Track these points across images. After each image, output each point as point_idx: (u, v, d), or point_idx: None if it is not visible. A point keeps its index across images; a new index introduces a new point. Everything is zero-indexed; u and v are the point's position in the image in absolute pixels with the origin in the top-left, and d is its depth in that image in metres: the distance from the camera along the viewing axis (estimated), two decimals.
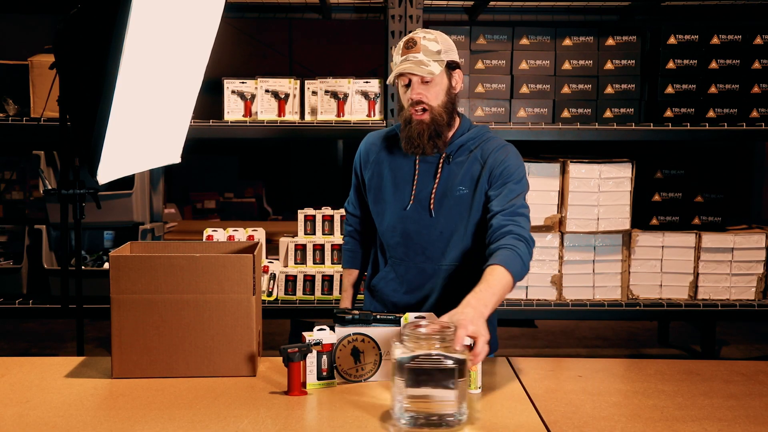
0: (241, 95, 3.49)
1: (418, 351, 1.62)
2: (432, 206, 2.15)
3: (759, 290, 3.53)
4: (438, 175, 2.16)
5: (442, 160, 2.16)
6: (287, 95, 3.48)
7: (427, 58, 2.04)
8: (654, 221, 3.56)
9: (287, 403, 1.79)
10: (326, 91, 3.48)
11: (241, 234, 3.44)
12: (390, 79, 2.12)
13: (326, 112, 3.49)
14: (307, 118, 3.54)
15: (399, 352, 1.63)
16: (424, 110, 2.09)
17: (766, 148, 6.07)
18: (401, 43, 2.09)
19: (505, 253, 1.92)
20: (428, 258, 2.18)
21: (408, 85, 2.09)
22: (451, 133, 2.17)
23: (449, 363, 1.60)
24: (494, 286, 1.83)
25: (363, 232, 2.44)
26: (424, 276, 2.20)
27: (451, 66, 2.10)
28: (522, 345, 5.03)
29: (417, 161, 2.18)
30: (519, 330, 5.35)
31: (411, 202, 2.17)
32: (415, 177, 2.17)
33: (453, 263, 2.17)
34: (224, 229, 3.45)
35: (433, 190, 2.15)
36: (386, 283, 2.27)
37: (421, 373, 1.61)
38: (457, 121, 2.19)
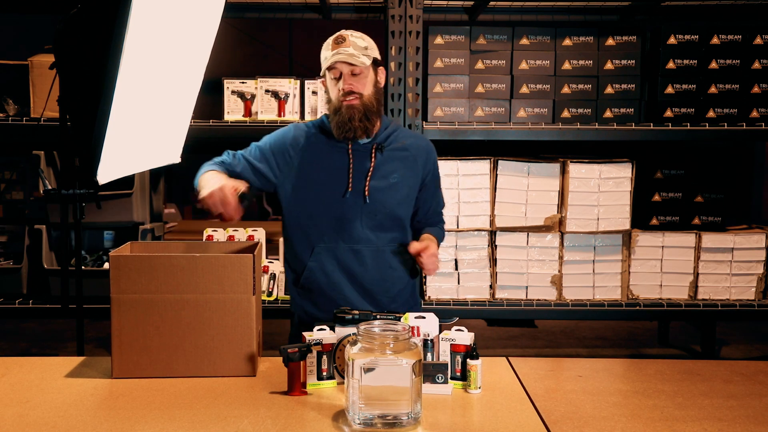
0: (241, 95, 3.49)
1: (373, 350, 1.63)
2: (367, 192, 2.25)
3: (759, 290, 3.53)
4: (372, 163, 2.26)
5: (374, 149, 2.27)
6: (287, 95, 3.48)
7: (357, 51, 2.19)
8: (654, 221, 3.56)
9: (287, 403, 1.79)
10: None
11: (241, 234, 3.44)
12: (322, 71, 2.25)
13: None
14: (308, 118, 3.53)
15: (353, 352, 1.64)
16: (355, 98, 2.22)
17: (766, 148, 6.07)
18: (330, 40, 2.23)
19: (438, 231, 2.46)
20: (360, 240, 2.28)
21: (338, 78, 2.22)
22: (376, 128, 2.29)
23: (403, 362, 1.61)
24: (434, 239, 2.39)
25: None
26: (357, 258, 2.28)
27: (376, 63, 2.26)
28: (522, 345, 5.03)
29: (350, 151, 2.27)
30: (519, 330, 5.35)
31: (350, 189, 2.24)
32: (350, 165, 2.26)
33: (384, 245, 2.30)
34: (224, 229, 3.45)
35: (368, 178, 2.25)
36: (322, 274, 2.30)
37: (376, 373, 1.62)
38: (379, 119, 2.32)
